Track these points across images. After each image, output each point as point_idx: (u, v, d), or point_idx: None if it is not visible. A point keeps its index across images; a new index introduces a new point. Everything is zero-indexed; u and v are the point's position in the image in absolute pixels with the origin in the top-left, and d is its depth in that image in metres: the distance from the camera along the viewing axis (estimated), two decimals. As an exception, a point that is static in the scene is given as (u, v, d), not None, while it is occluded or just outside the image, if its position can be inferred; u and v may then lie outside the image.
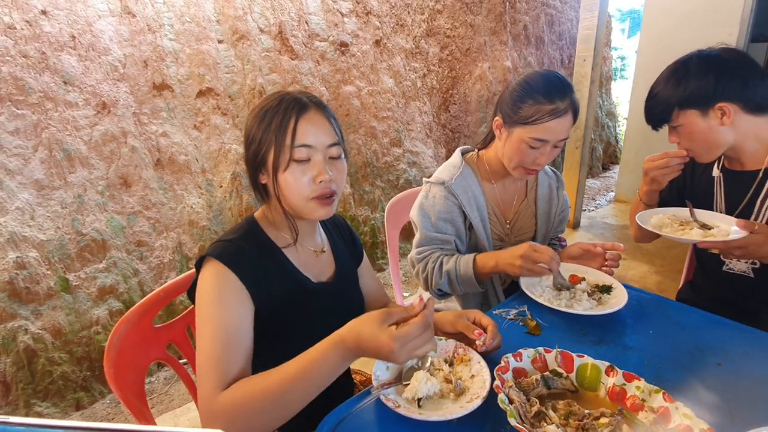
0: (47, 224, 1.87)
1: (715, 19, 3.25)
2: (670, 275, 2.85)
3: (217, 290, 0.79)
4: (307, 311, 0.91)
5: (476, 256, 1.18)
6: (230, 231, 0.90)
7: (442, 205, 1.24)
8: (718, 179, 1.26)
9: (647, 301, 1.12)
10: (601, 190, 4.68)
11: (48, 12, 1.91)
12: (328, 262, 1.00)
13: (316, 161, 0.83)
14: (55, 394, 1.86)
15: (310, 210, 0.85)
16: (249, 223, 0.91)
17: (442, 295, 1.29)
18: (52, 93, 1.91)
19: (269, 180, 0.85)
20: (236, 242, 0.85)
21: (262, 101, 0.87)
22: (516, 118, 1.15)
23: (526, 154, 1.16)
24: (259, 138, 0.83)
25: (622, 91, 6.61)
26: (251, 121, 0.86)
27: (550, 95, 1.11)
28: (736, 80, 1.09)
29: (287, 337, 0.87)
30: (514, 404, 0.71)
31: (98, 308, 1.98)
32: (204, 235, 2.30)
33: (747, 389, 0.81)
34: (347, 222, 1.14)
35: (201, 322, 0.78)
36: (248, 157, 0.87)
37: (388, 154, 3.15)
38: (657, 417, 0.70)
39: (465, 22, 3.55)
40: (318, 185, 0.83)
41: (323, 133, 0.84)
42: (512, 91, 1.17)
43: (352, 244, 1.10)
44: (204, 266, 0.82)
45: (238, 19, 2.46)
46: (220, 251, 0.82)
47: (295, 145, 0.81)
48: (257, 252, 0.86)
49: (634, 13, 10.76)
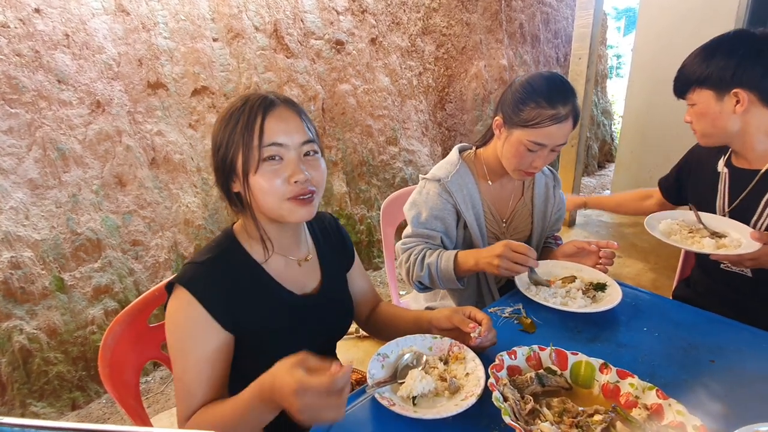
0: (42, 224, 1.86)
1: (711, 17, 3.26)
2: (665, 272, 2.87)
3: (185, 325, 0.76)
4: (291, 327, 0.87)
5: (458, 253, 1.17)
6: (206, 248, 0.85)
7: (434, 202, 1.24)
8: (723, 175, 1.22)
9: (641, 299, 1.13)
10: (597, 188, 4.70)
11: (41, 10, 1.89)
12: (313, 271, 0.95)
13: (289, 160, 0.78)
14: (50, 394, 1.85)
15: (289, 212, 0.79)
16: (227, 237, 0.86)
17: (422, 289, 1.28)
18: (46, 92, 1.90)
19: (241, 186, 0.79)
20: (208, 266, 0.80)
21: (227, 104, 0.82)
22: (517, 120, 1.14)
23: (523, 157, 1.16)
24: (226, 141, 0.78)
25: (618, 89, 6.63)
26: (217, 125, 0.81)
27: (553, 100, 1.10)
28: (758, 67, 1.03)
29: (272, 355, 0.82)
30: (508, 402, 0.71)
31: (93, 308, 1.97)
32: (200, 234, 2.29)
33: (740, 386, 0.82)
34: (337, 221, 1.08)
35: (171, 351, 0.78)
36: (216, 163, 0.81)
37: (384, 153, 3.15)
38: (650, 414, 0.70)
39: (461, 21, 3.55)
40: (293, 185, 0.77)
41: (294, 130, 0.79)
42: (514, 91, 1.16)
43: (342, 247, 1.05)
44: (174, 292, 0.78)
45: (233, 17, 2.45)
46: (189, 278, 0.77)
47: (263, 144, 0.76)
48: (233, 273, 0.81)
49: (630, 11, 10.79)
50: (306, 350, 0.79)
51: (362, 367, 1.21)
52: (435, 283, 1.22)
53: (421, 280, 1.23)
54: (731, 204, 1.20)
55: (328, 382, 0.60)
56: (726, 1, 3.19)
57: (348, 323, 1.03)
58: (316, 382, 0.60)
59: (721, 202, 1.23)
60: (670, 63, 4.23)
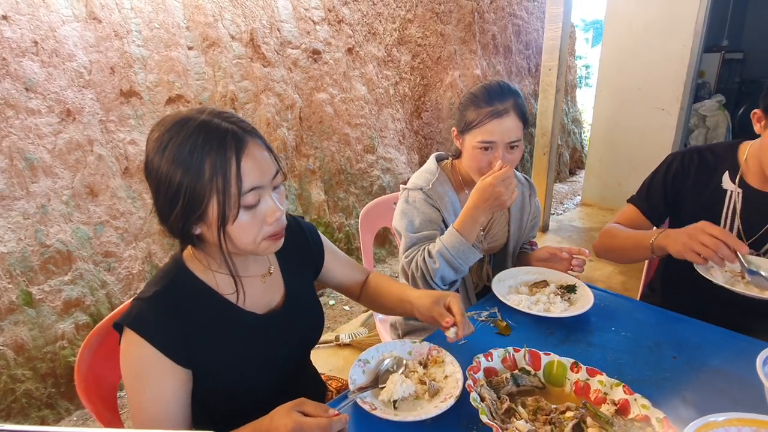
0: (8, 236, 1.80)
1: (672, 31, 3.44)
2: (634, 275, 2.98)
3: (137, 367, 0.73)
4: (257, 347, 0.84)
5: (454, 223, 1.16)
6: (153, 280, 0.79)
7: (423, 207, 1.26)
8: (734, 195, 1.15)
9: (609, 301, 1.18)
10: (569, 194, 4.84)
11: (9, 17, 1.85)
12: (276, 285, 0.91)
13: (265, 200, 0.73)
14: (18, 413, 1.78)
15: (263, 249, 0.76)
16: (176, 265, 0.81)
17: (447, 288, 1.23)
18: (13, 100, 1.84)
19: (211, 232, 0.73)
20: (156, 301, 0.75)
21: (171, 134, 0.68)
22: (463, 126, 1.22)
23: (479, 159, 1.20)
24: (191, 189, 0.68)
25: (587, 98, 6.87)
26: (167, 166, 0.68)
27: (489, 99, 1.17)
28: None
29: (238, 381, 0.82)
30: (485, 402, 0.74)
31: (63, 322, 1.91)
32: (175, 245, 2.25)
33: (700, 379, 0.88)
34: (295, 219, 1.00)
35: (128, 392, 0.75)
36: (176, 213, 0.70)
37: (361, 161, 3.17)
38: (618, 409, 0.74)
39: (435, 31, 3.62)
40: (271, 226, 0.74)
41: (266, 167, 0.72)
42: (461, 102, 1.25)
43: (305, 248, 0.99)
44: (123, 333, 0.74)
45: (209, 26, 2.44)
46: (135, 318, 0.73)
47: (243, 192, 0.69)
48: (185, 305, 0.77)
49: (597, 23, 11.21)
50: (276, 367, 0.78)
51: (342, 375, 1.22)
52: (455, 267, 1.16)
53: (441, 274, 1.16)
54: (747, 229, 1.13)
55: (326, 422, 0.64)
56: (685, 17, 3.37)
57: (319, 329, 0.99)
58: (313, 421, 0.64)
59: (727, 223, 1.16)
60: (634, 74, 4.40)
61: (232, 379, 0.81)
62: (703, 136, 4.86)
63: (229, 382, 0.81)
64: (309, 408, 0.67)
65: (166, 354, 0.73)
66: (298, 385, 0.95)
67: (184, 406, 0.77)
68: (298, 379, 0.97)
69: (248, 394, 0.84)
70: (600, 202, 4.28)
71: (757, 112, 1.09)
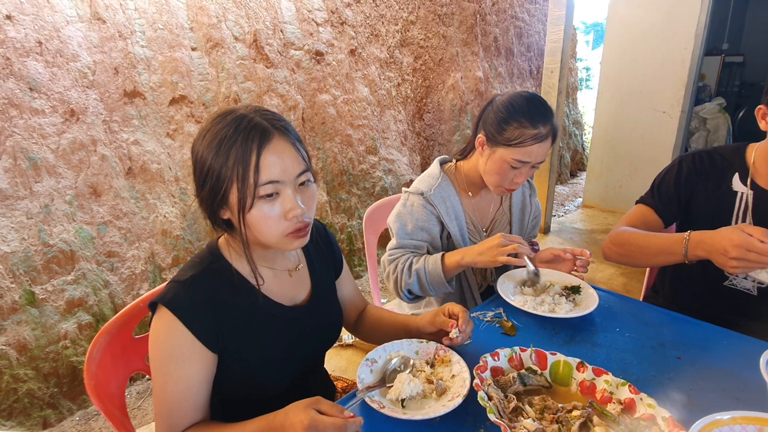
0: (11, 236, 1.80)
1: (672, 34, 3.45)
2: (635, 277, 2.99)
3: (168, 346, 0.75)
4: (281, 340, 0.87)
5: (444, 254, 1.21)
6: (190, 264, 0.82)
7: (420, 214, 1.28)
8: (745, 197, 1.15)
9: (613, 302, 1.18)
10: (570, 196, 4.85)
11: (13, 17, 1.85)
12: (303, 280, 0.94)
13: (285, 195, 0.75)
14: (20, 413, 1.78)
15: (285, 244, 0.79)
16: (211, 253, 0.84)
17: (412, 299, 1.30)
18: (17, 100, 1.85)
19: (234, 218, 0.76)
20: (192, 284, 0.78)
21: (213, 124, 0.76)
22: (500, 139, 1.18)
23: (506, 174, 1.21)
24: (217, 173, 0.73)
25: (588, 100, 6.88)
26: (203, 150, 0.75)
27: (534, 120, 1.15)
28: None
29: (259, 371, 0.84)
30: (492, 401, 0.75)
31: (66, 322, 1.91)
32: (178, 245, 2.26)
33: (704, 379, 0.88)
34: (324, 227, 1.06)
35: (153, 371, 0.77)
36: (204, 193, 0.77)
37: (363, 162, 3.18)
38: (624, 408, 0.75)
39: (438, 33, 3.64)
40: (290, 221, 0.76)
41: (290, 163, 0.75)
42: (497, 111, 1.19)
43: (331, 255, 1.04)
44: (157, 312, 0.76)
45: (212, 27, 2.45)
46: (172, 298, 0.76)
47: (259, 183, 0.73)
48: (219, 291, 0.80)
49: (598, 26, 11.24)
50: (296, 361, 0.80)
51: (345, 375, 1.23)
52: (424, 289, 1.23)
53: (410, 288, 1.24)
54: None
55: (341, 422, 0.65)
56: (685, 20, 3.39)
57: (337, 332, 1.02)
58: (329, 420, 0.65)
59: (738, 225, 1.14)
60: (635, 76, 4.41)
61: (253, 367, 0.83)
62: (704, 138, 4.87)
63: (250, 370, 0.83)
64: (325, 407, 0.68)
65: (197, 336, 0.75)
66: (310, 384, 0.98)
67: (206, 391, 0.79)
68: (311, 377, 0.99)
69: (264, 387, 0.85)
70: (601, 204, 4.30)
71: (762, 108, 1.10)
